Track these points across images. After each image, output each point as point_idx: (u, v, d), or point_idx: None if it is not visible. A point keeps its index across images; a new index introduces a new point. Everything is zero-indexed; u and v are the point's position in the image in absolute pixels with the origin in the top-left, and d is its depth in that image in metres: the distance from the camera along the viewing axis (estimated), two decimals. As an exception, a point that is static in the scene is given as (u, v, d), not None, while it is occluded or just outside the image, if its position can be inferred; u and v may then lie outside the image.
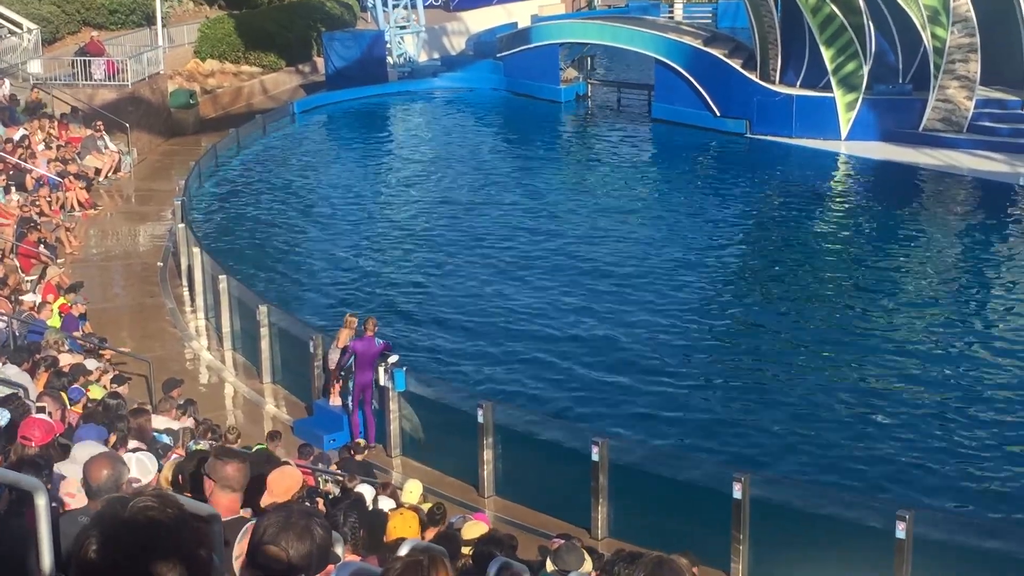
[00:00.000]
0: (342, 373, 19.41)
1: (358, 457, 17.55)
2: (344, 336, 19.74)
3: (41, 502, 3.81)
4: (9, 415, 8.36)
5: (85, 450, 7.53)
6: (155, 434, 12.58)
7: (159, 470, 8.29)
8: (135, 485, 7.28)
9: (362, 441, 18.45)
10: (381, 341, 19.40)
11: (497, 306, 25.29)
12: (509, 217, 31.85)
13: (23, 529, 2.84)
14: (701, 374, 21.92)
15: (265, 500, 6.44)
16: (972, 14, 37.02)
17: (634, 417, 20.14)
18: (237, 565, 5.23)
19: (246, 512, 6.61)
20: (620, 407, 20.54)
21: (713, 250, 29.40)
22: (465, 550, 10.51)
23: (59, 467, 7.73)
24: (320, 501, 11.64)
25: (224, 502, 6.33)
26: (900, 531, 13.78)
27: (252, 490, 6.83)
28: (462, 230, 30.83)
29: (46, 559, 3.63)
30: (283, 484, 6.67)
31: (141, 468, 8.02)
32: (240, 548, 5.42)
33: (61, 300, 21.75)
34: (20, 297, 21.06)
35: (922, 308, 25.14)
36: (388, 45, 51.19)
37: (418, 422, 19.21)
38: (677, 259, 28.18)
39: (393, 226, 31.66)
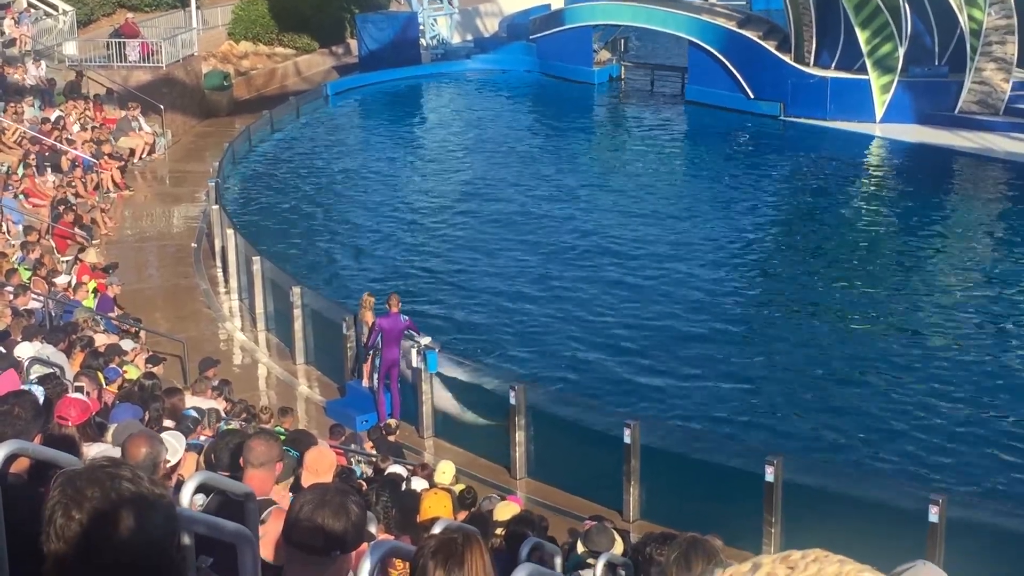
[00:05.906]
0: (370, 352, 19.46)
1: (390, 438, 17.61)
2: (368, 317, 19.82)
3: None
4: (44, 392, 8.40)
5: (123, 429, 7.58)
6: (184, 411, 12.59)
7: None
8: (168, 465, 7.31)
9: (393, 422, 18.51)
10: (406, 318, 19.42)
11: (528, 287, 25.30)
12: (541, 199, 31.81)
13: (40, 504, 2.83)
14: (733, 355, 21.87)
15: (306, 479, 6.44)
16: (1010, -5, 36.73)
17: (666, 399, 20.15)
18: (262, 544, 5.26)
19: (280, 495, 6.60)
20: (652, 389, 20.53)
21: (746, 232, 29.29)
22: (498, 531, 10.53)
23: (90, 448, 7.76)
24: (362, 484, 11.70)
25: (254, 481, 6.29)
26: (933, 515, 13.73)
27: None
28: (494, 211, 30.81)
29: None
30: (324, 462, 6.67)
31: (170, 447, 8.05)
32: (264, 529, 5.45)
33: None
34: (54, 279, 21.17)
35: (956, 291, 24.99)
36: (421, 27, 51.19)
37: (457, 405, 19.20)
38: (710, 241, 28.11)
39: (426, 207, 31.68)
